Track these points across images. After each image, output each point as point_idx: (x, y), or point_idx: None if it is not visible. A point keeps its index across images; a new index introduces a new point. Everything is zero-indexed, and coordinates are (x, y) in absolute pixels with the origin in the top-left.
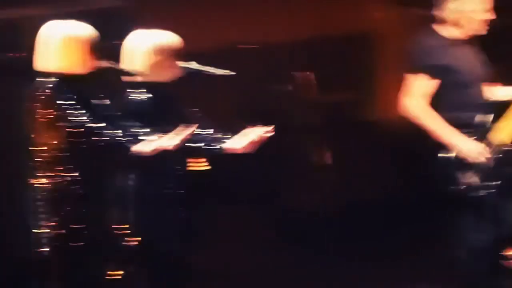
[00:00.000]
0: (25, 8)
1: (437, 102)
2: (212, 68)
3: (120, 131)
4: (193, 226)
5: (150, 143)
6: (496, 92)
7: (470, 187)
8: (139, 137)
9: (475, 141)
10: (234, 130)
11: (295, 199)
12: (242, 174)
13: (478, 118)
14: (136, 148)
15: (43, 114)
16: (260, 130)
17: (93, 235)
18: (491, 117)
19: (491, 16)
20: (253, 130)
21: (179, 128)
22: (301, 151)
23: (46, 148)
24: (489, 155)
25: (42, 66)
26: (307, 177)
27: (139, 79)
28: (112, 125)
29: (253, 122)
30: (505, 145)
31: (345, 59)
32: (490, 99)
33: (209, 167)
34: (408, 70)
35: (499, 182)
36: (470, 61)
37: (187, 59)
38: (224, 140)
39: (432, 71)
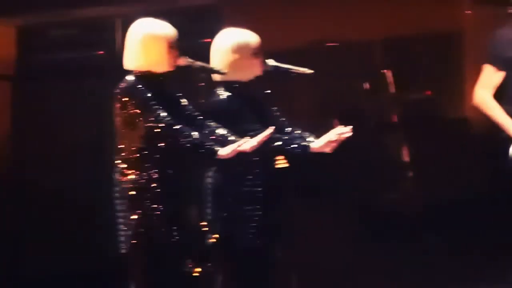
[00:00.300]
0: (115, 6)
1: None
2: (292, 66)
3: (201, 131)
4: (275, 223)
5: (229, 146)
6: None
7: None
8: (220, 138)
9: None
10: (316, 129)
11: (376, 197)
12: (323, 173)
13: None
14: (217, 150)
15: (127, 112)
16: (340, 130)
17: (174, 233)
18: None
19: None
20: (333, 131)
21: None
22: (382, 149)
23: (130, 146)
24: None
25: (127, 64)
26: (387, 175)
27: (224, 77)
28: (194, 125)
29: (334, 121)
30: None
31: (427, 57)
32: None
33: (287, 165)
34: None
35: None
36: None
37: (268, 57)
38: (306, 139)
39: (498, 63)
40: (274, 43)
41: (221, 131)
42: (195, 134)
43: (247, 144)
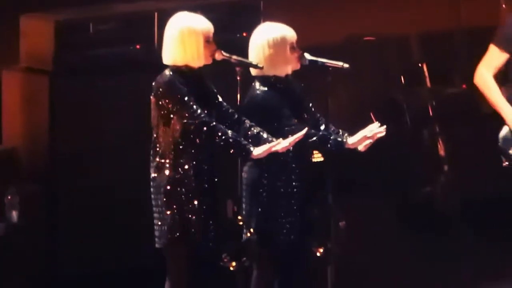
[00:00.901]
0: (154, 1)
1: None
2: (328, 60)
3: (236, 129)
4: (311, 219)
5: (262, 147)
6: None
7: None
8: (255, 137)
9: None
10: (352, 123)
11: (412, 191)
12: (360, 167)
13: None
14: (251, 150)
15: (163, 107)
16: (374, 127)
17: (210, 228)
18: None
19: None
20: (368, 128)
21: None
22: (418, 142)
23: (165, 141)
24: None
25: (165, 59)
26: (423, 169)
27: (261, 72)
28: (229, 122)
29: (371, 115)
30: None
31: (464, 50)
32: None
33: (323, 159)
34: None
35: None
36: None
37: (305, 51)
38: (341, 136)
39: (504, 44)
40: (312, 38)
41: (256, 130)
42: (230, 132)
43: (280, 145)
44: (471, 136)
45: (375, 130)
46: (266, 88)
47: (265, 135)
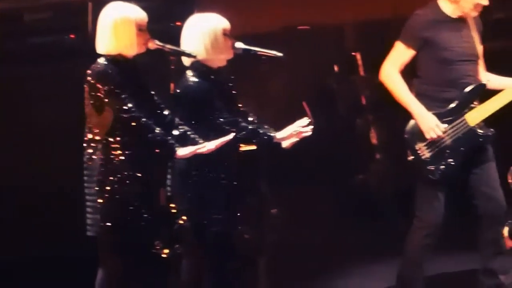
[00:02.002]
0: None
1: (423, 75)
2: (261, 49)
3: (164, 125)
4: (243, 208)
5: (187, 148)
6: (491, 78)
7: (419, 159)
8: (182, 137)
9: (431, 116)
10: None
11: (346, 178)
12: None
13: (458, 96)
14: (176, 150)
15: (96, 96)
16: (302, 123)
17: (143, 216)
18: (473, 98)
19: (485, 1)
20: (295, 123)
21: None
22: (351, 130)
23: (97, 130)
24: (442, 130)
25: (99, 48)
26: (355, 157)
27: (194, 61)
28: (158, 117)
29: (304, 104)
30: (475, 127)
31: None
32: (479, 82)
33: (254, 147)
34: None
35: (450, 161)
36: (460, 40)
37: (239, 40)
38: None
39: (410, 41)
40: (246, 27)
41: (183, 129)
42: (157, 130)
43: (206, 148)
44: (403, 124)
45: (301, 128)
46: (198, 79)
47: (192, 135)
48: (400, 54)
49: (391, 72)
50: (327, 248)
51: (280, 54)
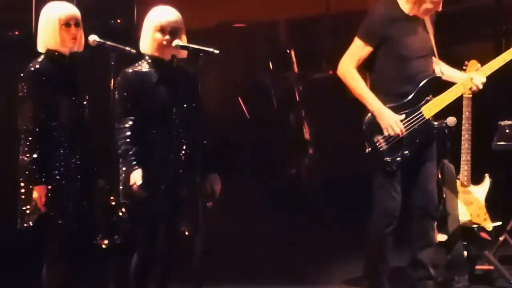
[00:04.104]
0: None
1: (379, 71)
2: (198, 46)
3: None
4: (181, 195)
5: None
6: (445, 71)
7: (377, 151)
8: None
9: (390, 113)
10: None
11: (278, 172)
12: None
13: (415, 90)
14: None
15: (22, 94)
16: None
17: (82, 208)
18: (428, 90)
19: (438, 8)
20: None
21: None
22: (285, 126)
23: (26, 126)
24: (401, 127)
25: (38, 47)
26: (288, 152)
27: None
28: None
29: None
30: (430, 119)
31: (331, 37)
32: (434, 75)
33: None
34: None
35: (406, 152)
36: (416, 37)
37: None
38: None
39: (368, 38)
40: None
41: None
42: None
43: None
44: (335, 120)
45: None
46: (145, 72)
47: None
48: (358, 50)
49: (349, 67)
50: (258, 240)
51: (216, 51)
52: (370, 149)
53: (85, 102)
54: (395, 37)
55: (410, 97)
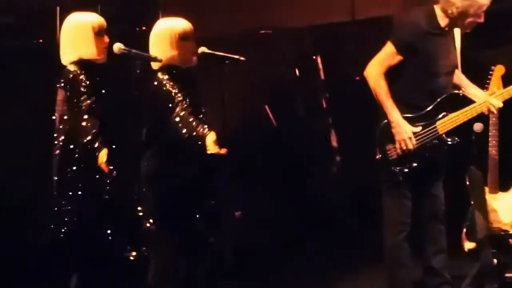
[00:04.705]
0: None
1: (403, 80)
2: (224, 53)
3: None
4: (209, 209)
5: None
6: (465, 86)
7: (386, 159)
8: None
9: (407, 126)
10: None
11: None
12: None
13: (434, 105)
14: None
15: (64, 101)
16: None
17: (110, 218)
18: (446, 106)
19: (480, 19)
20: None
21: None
22: (311, 133)
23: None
24: (414, 144)
25: (63, 59)
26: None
27: (160, 65)
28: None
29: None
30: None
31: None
32: (454, 92)
33: (223, 152)
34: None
35: (415, 164)
36: (446, 54)
37: (202, 44)
38: None
39: (402, 48)
40: (209, 31)
41: None
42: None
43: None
44: (363, 127)
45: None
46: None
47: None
48: (389, 57)
49: (377, 72)
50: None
51: (242, 58)
52: (380, 156)
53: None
54: (427, 52)
55: (427, 110)
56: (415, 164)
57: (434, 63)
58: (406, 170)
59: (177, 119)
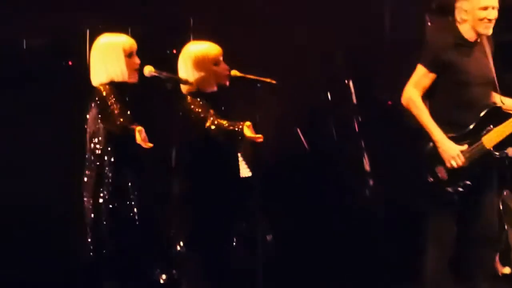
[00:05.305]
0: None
1: (438, 97)
2: (256, 76)
3: None
4: (239, 231)
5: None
6: (506, 101)
7: (439, 182)
8: None
9: (452, 145)
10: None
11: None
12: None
13: (476, 120)
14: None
15: (95, 122)
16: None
17: (139, 240)
18: (489, 120)
19: (494, 14)
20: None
21: None
22: (343, 158)
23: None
24: (462, 160)
25: (93, 81)
26: (348, 184)
27: (191, 88)
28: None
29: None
30: (490, 150)
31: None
32: (495, 105)
33: (250, 174)
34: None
35: (468, 183)
36: (476, 64)
37: (233, 67)
38: None
39: (432, 65)
40: (240, 53)
41: None
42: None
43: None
44: (395, 151)
45: None
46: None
47: None
48: (422, 78)
49: (413, 96)
50: (323, 272)
51: (273, 82)
52: (432, 179)
53: None
54: (456, 63)
55: (471, 127)
56: (468, 182)
57: (465, 73)
58: (460, 189)
59: (212, 127)
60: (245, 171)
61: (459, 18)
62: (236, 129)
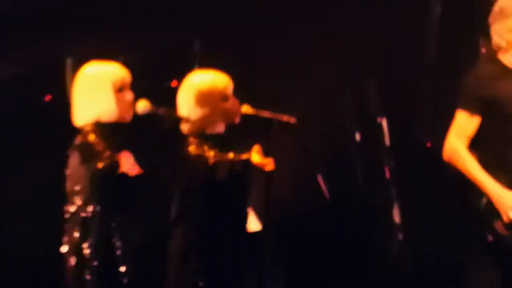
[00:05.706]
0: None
1: (487, 142)
2: (273, 113)
3: None
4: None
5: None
6: None
7: (498, 238)
8: None
9: (509, 195)
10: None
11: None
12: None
13: None
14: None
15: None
16: None
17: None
18: None
19: None
20: None
21: None
22: (371, 207)
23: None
24: None
25: (76, 120)
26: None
27: (193, 127)
28: None
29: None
30: None
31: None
32: None
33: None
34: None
35: None
36: None
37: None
38: None
39: (472, 106)
40: (253, 85)
41: None
42: None
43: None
44: (434, 201)
45: None
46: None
47: None
48: (464, 123)
49: (457, 147)
50: None
51: (292, 119)
52: (493, 237)
53: None
54: (498, 95)
55: None
56: None
57: (509, 104)
58: None
59: (217, 164)
60: (254, 224)
61: (500, 42)
62: (242, 159)
